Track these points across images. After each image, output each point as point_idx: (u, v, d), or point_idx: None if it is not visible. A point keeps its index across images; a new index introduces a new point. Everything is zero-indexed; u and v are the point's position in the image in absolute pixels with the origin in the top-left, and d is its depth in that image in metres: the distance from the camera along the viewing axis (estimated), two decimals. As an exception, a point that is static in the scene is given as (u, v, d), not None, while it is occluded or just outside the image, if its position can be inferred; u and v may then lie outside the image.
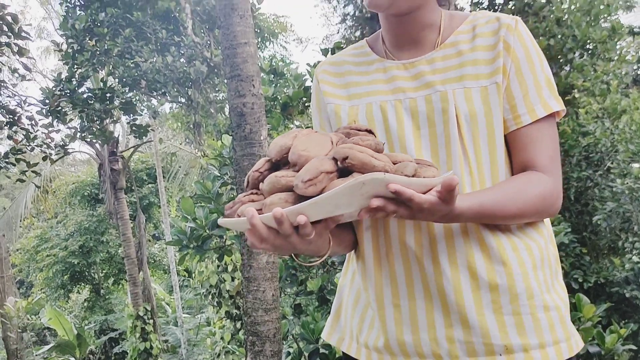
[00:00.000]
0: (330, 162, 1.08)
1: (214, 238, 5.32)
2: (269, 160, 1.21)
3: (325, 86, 1.51)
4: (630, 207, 5.00)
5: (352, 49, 1.56)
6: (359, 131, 1.23)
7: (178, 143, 21.60)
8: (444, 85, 1.34)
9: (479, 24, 1.40)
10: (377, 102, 1.40)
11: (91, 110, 10.80)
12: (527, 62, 1.34)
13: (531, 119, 1.33)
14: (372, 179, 1.01)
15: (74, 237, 20.24)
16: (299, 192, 1.06)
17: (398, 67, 1.42)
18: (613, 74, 5.66)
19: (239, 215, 1.12)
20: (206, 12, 11.68)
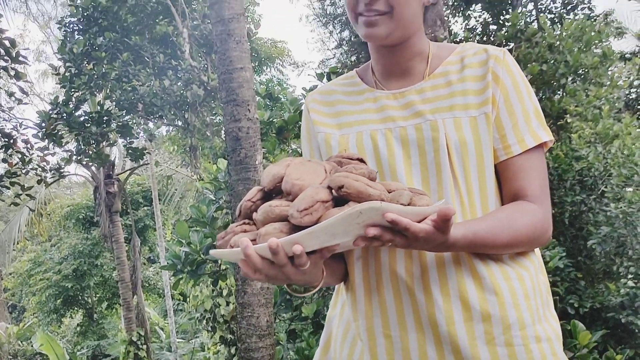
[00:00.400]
0: (325, 191, 1.08)
1: (209, 262, 5.31)
2: (261, 189, 1.20)
3: (316, 115, 1.52)
4: (625, 231, 5.00)
5: (342, 79, 1.58)
6: (350, 160, 1.24)
7: (174, 166, 21.59)
8: (434, 115, 1.35)
9: (467, 55, 1.42)
10: (367, 131, 1.41)
11: (87, 133, 10.82)
12: (516, 93, 1.37)
13: (521, 149, 1.35)
14: (369, 207, 1.01)
15: (68, 261, 20.12)
16: (295, 221, 1.05)
17: (388, 96, 1.43)
18: (605, 99, 5.70)
19: (232, 245, 1.11)
20: (204, 36, 11.75)
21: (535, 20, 10.31)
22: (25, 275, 21.22)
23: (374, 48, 1.45)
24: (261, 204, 1.17)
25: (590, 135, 5.45)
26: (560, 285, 5.12)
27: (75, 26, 11.51)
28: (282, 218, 1.09)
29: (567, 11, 11.39)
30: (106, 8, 11.07)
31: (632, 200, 4.90)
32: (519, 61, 5.98)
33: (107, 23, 11.12)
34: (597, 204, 5.39)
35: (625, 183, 5.15)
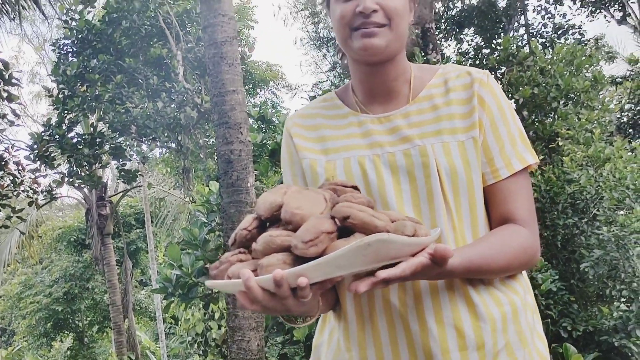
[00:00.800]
0: (329, 221, 1.06)
1: (200, 285, 5.28)
2: (257, 217, 1.18)
3: (299, 140, 1.48)
4: (617, 254, 5.00)
5: (322, 101, 1.55)
6: (345, 187, 1.22)
7: (167, 188, 21.55)
8: (422, 140, 1.34)
9: (451, 78, 1.41)
10: (355, 157, 1.38)
11: (80, 155, 10.80)
12: (501, 117, 1.37)
13: (509, 172, 1.35)
14: (377, 240, 0.99)
15: (59, 284, 19.97)
16: (299, 253, 1.02)
17: (373, 121, 1.42)
18: (597, 122, 5.73)
19: (230, 276, 1.08)
20: (197, 59, 11.80)
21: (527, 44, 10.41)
22: (15, 299, 21.04)
23: (359, 69, 1.43)
24: (257, 232, 1.16)
25: (582, 159, 5.46)
26: (553, 308, 5.10)
27: (69, 48, 11.55)
28: (284, 248, 1.06)
29: (558, 36, 11.53)
30: (100, 30, 11.12)
31: (624, 223, 4.90)
32: (511, 84, 6.02)
33: (101, 45, 11.17)
34: (589, 227, 5.39)
35: (617, 206, 5.16)
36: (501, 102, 1.38)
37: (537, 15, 12.00)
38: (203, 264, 5.25)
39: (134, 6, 10.69)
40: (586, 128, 5.67)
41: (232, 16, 4.65)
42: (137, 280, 22.35)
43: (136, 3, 10.64)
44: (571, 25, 11.70)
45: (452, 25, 11.23)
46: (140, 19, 11.03)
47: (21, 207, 9.52)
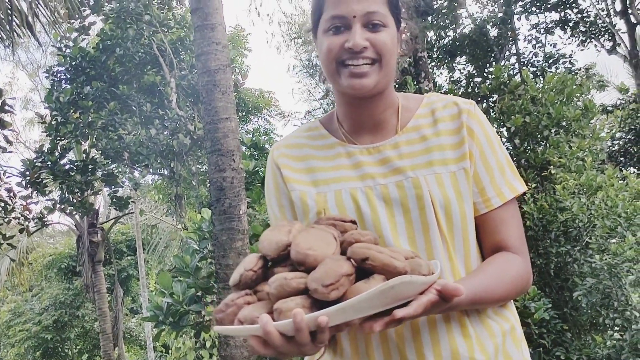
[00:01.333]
0: (347, 263, 1.05)
1: (192, 313, 5.23)
2: (261, 257, 1.16)
3: (287, 172, 1.45)
4: (610, 283, 4.99)
5: (307, 131, 1.52)
6: (344, 222, 1.21)
7: (159, 215, 21.47)
8: (414, 171, 1.33)
9: (438, 108, 1.42)
10: (346, 189, 1.37)
11: (72, 181, 10.77)
12: (489, 146, 1.38)
13: (501, 201, 1.36)
14: (401, 282, 0.99)
15: (49, 312, 19.77)
16: (319, 296, 1.00)
17: (362, 152, 1.40)
18: (588, 150, 5.76)
19: (242, 320, 1.05)
20: (191, 86, 11.85)
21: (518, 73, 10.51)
22: (4, 326, 20.81)
23: (345, 101, 1.42)
24: (262, 272, 1.14)
25: (574, 187, 5.48)
26: (546, 337, 5.08)
27: (63, 75, 11.59)
28: (299, 291, 1.04)
29: (549, 65, 11.65)
30: (94, 57, 11.17)
31: (617, 252, 4.90)
32: (503, 113, 6.06)
33: (94, 72, 11.21)
34: (581, 255, 5.39)
35: (609, 234, 5.16)
36: (488, 132, 1.39)
37: (528, 44, 12.14)
38: (194, 291, 5.21)
39: (128, 34, 10.76)
40: (578, 156, 5.69)
41: (225, 44, 4.68)
42: (128, 308, 22.15)
43: (130, 31, 10.71)
44: (562, 55, 11.83)
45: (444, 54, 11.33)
46: (134, 47, 11.09)
47: (12, 233, 9.46)
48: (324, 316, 0.98)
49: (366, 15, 1.30)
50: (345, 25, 1.31)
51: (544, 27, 12.16)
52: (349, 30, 1.31)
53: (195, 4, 4.71)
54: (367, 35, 1.30)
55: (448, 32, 11.41)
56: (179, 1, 12.43)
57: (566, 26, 12.32)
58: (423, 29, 7.92)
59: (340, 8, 1.31)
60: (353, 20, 1.30)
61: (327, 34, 1.34)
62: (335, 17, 1.31)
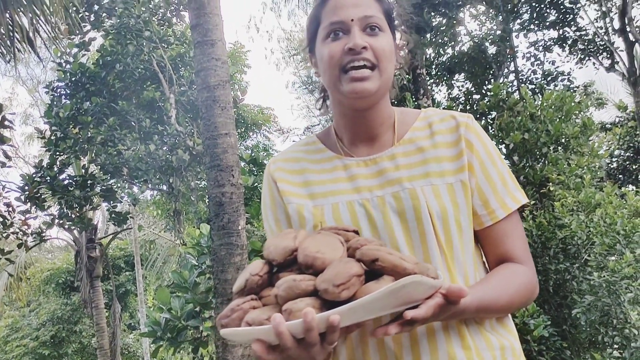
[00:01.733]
0: (357, 264, 1.05)
1: (190, 329, 5.21)
2: (266, 262, 1.16)
3: (284, 185, 1.46)
4: (609, 300, 4.98)
5: (304, 145, 1.54)
6: (347, 231, 1.21)
7: (157, 230, 21.44)
8: (411, 182, 1.34)
9: (434, 122, 1.43)
10: (343, 202, 1.37)
11: (71, 197, 10.76)
12: (489, 158, 1.38)
13: (505, 212, 1.36)
14: (412, 282, 1.00)
15: (46, 327, 19.68)
16: (330, 297, 1.00)
17: (359, 164, 1.41)
18: (587, 167, 5.77)
19: (250, 322, 1.04)
20: (190, 102, 11.88)
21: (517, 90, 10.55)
22: (2, 342, 20.70)
23: (344, 114, 1.43)
24: (268, 278, 1.14)
25: (572, 204, 5.49)
26: (545, 354, 5.06)
27: (63, 91, 11.62)
28: (308, 293, 1.04)
29: (548, 82, 11.70)
30: (94, 73, 11.21)
31: (615, 269, 4.90)
32: (502, 130, 6.07)
33: (94, 88, 11.24)
34: (580, 272, 5.39)
35: (608, 252, 5.16)
36: (487, 145, 1.40)
37: (527, 62, 12.20)
38: (192, 307, 5.19)
39: (128, 50, 10.80)
40: (576, 173, 5.70)
41: (225, 60, 4.70)
42: (126, 324, 22.06)
43: (130, 47, 10.75)
44: (560, 72, 11.89)
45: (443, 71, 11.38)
46: (134, 62, 11.13)
47: (10, 248, 9.43)
48: (336, 315, 0.98)
49: (364, 18, 1.33)
50: (344, 30, 1.34)
51: (542, 45, 12.23)
52: (348, 34, 1.33)
53: (195, 20, 4.74)
54: (365, 39, 1.32)
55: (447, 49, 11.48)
56: (179, 17, 12.50)
57: (565, 44, 12.39)
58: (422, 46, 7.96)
59: (338, 14, 1.34)
60: (351, 23, 1.33)
61: (326, 41, 1.36)
62: (335, 23, 1.34)
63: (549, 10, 11.69)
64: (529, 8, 11.65)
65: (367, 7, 1.34)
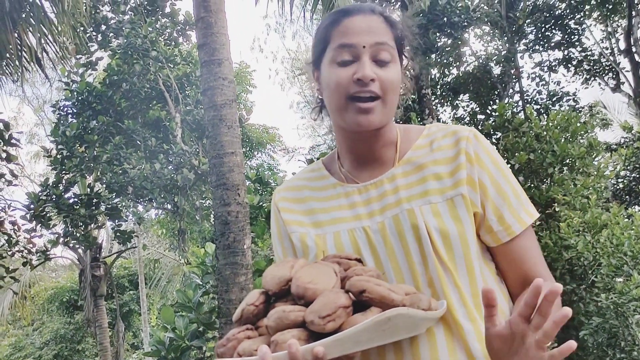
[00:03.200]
0: (345, 296, 1.05)
1: (193, 349, 5.18)
2: (263, 292, 1.16)
3: (287, 215, 1.47)
4: (616, 322, 4.94)
5: (309, 172, 1.54)
6: (349, 260, 1.21)
7: (162, 249, 21.42)
8: (410, 203, 1.33)
9: (437, 138, 1.41)
10: (344, 230, 1.37)
11: (76, 215, 10.78)
12: (499, 173, 1.36)
13: (521, 227, 1.34)
14: (397, 314, 1.00)
15: (49, 346, 19.60)
16: (316, 328, 1.01)
17: (360, 190, 1.41)
18: (593, 188, 5.74)
19: (240, 353, 1.06)
20: (196, 121, 11.92)
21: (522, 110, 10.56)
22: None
23: (347, 137, 1.42)
24: (264, 307, 1.14)
25: (579, 225, 5.45)
26: (552, 377, 5.00)
27: (69, 109, 11.69)
28: (297, 324, 1.05)
29: (553, 103, 11.70)
30: (101, 92, 11.28)
31: (623, 291, 4.86)
32: (507, 150, 6.06)
33: (101, 107, 11.31)
34: (587, 294, 5.34)
35: (615, 273, 5.12)
36: (496, 159, 1.38)
37: (532, 82, 12.23)
38: (197, 327, 5.17)
39: (134, 69, 10.87)
40: (582, 194, 5.67)
41: (231, 79, 4.72)
42: (129, 344, 21.95)
43: (137, 66, 10.82)
44: (565, 93, 11.90)
45: (448, 91, 11.41)
46: (141, 82, 11.21)
47: (15, 267, 9.43)
48: (320, 347, 0.97)
49: (375, 46, 1.32)
50: (354, 55, 1.32)
51: (547, 65, 12.26)
52: (357, 61, 1.32)
53: (202, 39, 4.76)
54: (374, 70, 1.31)
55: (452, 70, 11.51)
56: (185, 37, 12.59)
57: (570, 64, 12.42)
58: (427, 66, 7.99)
59: (349, 37, 1.32)
60: (362, 50, 1.31)
61: (333, 66, 1.34)
62: (345, 46, 1.33)
63: (554, 30, 11.74)
64: (534, 28, 11.70)
65: (379, 35, 1.33)
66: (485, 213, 1.34)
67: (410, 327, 1.08)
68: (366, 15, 1.35)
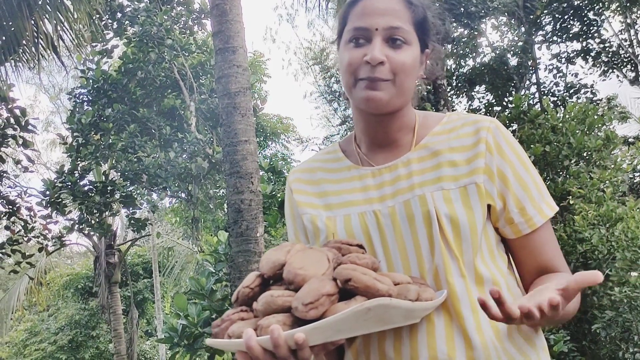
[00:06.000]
0: (331, 283, 1.06)
1: (206, 336, 5.21)
2: (260, 275, 1.17)
3: (299, 196, 1.47)
4: (630, 316, 4.91)
5: (325, 154, 1.54)
6: (350, 245, 1.22)
7: (176, 238, 21.53)
8: (422, 188, 1.32)
9: (456, 127, 1.39)
10: (355, 213, 1.37)
11: (91, 202, 10.85)
12: (522, 164, 1.34)
13: (542, 219, 1.33)
14: (378, 305, 1.00)
15: (64, 331, 19.80)
16: (299, 315, 1.02)
17: (374, 173, 1.40)
18: (609, 181, 5.70)
19: (231, 335, 1.08)
20: (210, 110, 11.95)
21: (538, 102, 10.47)
22: (21, 345, 20.84)
23: (363, 118, 1.42)
24: (259, 290, 1.15)
25: (593, 218, 5.41)
26: (565, 370, 4.99)
27: (85, 97, 11.75)
28: (285, 309, 1.06)
29: (570, 95, 11.59)
30: (116, 80, 11.32)
31: (637, 284, 4.83)
32: (522, 142, 6.02)
33: (116, 95, 11.36)
34: (601, 287, 5.31)
35: (630, 267, 5.08)
36: (517, 150, 1.36)
37: (549, 74, 12.10)
38: (209, 314, 5.20)
39: (150, 57, 10.90)
40: (598, 187, 5.63)
41: (246, 67, 4.72)
42: (143, 331, 22.13)
43: (152, 54, 10.85)
44: (583, 85, 11.78)
45: (464, 82, 11.33)
46: (156, 70, 11.24)
47: (30, 253, 9.52)
48: (301, 333, 0.99)
49: (389, 29, 1.30)
50: (366, 37, 1.31)
51: (565, 57, 12.13)
52: (370, 43, 1.30)
53: (217, 26, 4.76)
54: (386, 51, 1.30)
55: (468, 61, 11.43)
56: (201, 26, 12.60)
57: (588, 56, 12.27)
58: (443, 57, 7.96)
59: (363, 20, 1.31)
60: (375, 33, 1.30)
61: (347, 46, 1.34)
62: (358, 29, 1.32)
63: (573, 21, 11.60)
64: (551, 19, 11.58)
65: (394, 17, 1.31)
66: (506, 204, 1.32)
67: (400, 317, 1.09)
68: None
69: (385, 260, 1.31)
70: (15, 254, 9.17)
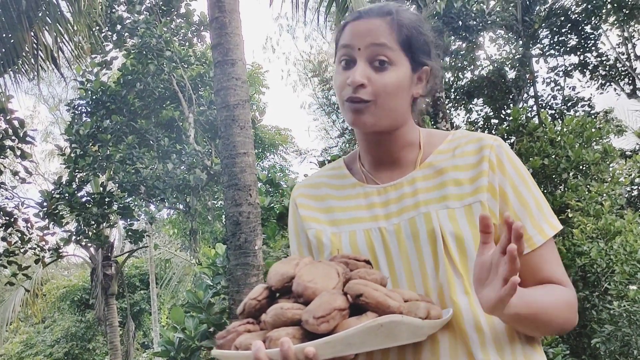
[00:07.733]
0: (342, 298, 1.05)
1: (203, 350, 5.17)
2: (267, 287, 1.17)
3: (304, 211, 1.47)
4: (629, 330, 4.89)
5: (330, 170, 1.54)
6: (357, 261, 1.21)
7: (173, 249, 21.49)
8: (427, 207, 1.32)
9: (460, 144, 1.39)
10: (360, 230, 1.37)
11: (88, 214, 10.83)
12: (522, 183, 1.34)
13: (543, 239, 1.31)
14: (390, 321, 1.00)
15: (60, 344, 19.71)
16: (310, 328, 1.01)
17: (379, 191, 1.40)
18: (607, 194, 5.70)
19: (238, 347, 1.07)
20: (209, 121, 11.95)
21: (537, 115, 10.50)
22: (16, 358, 20.74)
23: (363, 137, 1.43)
24: (266, 303, 1.14)
25: (592, 231, 5.41)
26: (564, 384, 4.97)
27: (83, 108, 11.76)
28: (294, 322, 1.05)
29: (568, 108, 11.63)
30: (115, 92, 11.34)
31: (636, 298, 4.82)
32: (521, 155, 6.03)
33: (114, 106, 11.37)
34: (600, 301, 5.30)
35: (629, 280, 5.07)
36: (519, 168, 1.36)
37: (547, 87, 12.16)
38: (207, 327, 5.17)
39: (149, 69, 10.91)
40: (596, 200, 5.63)
41: (244, 80, 4.72)
42: (139, 343, 22.05)
43: (151, 66, 10.86)
44: (580, 98, 11.82)
45: (462, 95, 11.37)
46: (155, 82, 11.26)
47: (27, 264, 9.49)
48: (312, 347, 0.98)
49: (371, 47, 1.31)
50: (352, 58, 1.33)
51: (562, 70, 12.18)
52: (355, 64, 1.32)
53: (216, 39, 4.77)
54: (369, 73, 1.30)
55: (466, 73, 11.48)
56: (200, 38, 12.63)
57: (585, 69, 12.33)
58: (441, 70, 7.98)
59: (349, 38, 1.34)
60: (358, 53, 1.31)
61: (338, 68, 1.36)
62: (345, 46, 1.34)
63: (570, 35, 11.67)
64: (549, 33, 11.64)
65: (377, 35, 1.31)
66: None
67: (409, 334, 1.08)
68: (371, 18, 1.34)
69: (390, 277, 1.31)
70: (11, 266, 9.13)
